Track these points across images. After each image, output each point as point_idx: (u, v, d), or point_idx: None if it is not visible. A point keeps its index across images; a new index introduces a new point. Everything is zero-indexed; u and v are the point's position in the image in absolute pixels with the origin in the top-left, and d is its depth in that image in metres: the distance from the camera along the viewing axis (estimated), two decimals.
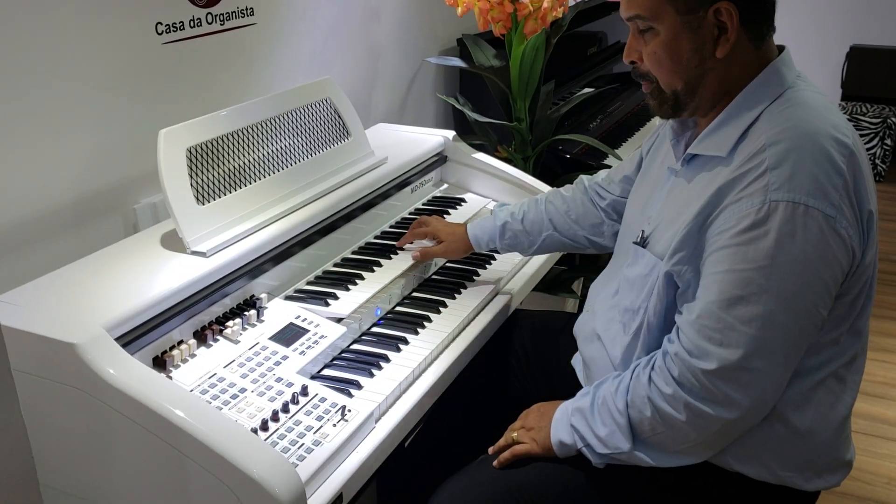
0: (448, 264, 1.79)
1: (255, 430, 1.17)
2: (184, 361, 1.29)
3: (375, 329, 1.53)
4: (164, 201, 1.40)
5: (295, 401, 1.24)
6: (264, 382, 1.27)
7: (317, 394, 1.26)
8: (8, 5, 1.36)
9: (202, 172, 1.47)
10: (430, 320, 1.56)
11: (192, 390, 1.22)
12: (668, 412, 1.17)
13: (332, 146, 1.78)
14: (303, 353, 1.35)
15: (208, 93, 1.81)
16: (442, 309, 1.60)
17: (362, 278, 1.62)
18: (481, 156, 2.12)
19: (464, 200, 2.08)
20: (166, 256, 1.41)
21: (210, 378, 1.26)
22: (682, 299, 1.22)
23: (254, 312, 1.41)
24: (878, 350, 2.87)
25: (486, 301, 1.66)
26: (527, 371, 1.66)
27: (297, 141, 1.69)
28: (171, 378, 1.24)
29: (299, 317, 1.43)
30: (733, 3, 1.17)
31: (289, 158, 1.66)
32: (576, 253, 1.72)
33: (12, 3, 1.37)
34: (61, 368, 1.14)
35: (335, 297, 1.53)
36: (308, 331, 1.40)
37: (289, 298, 1.52)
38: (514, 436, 1.35)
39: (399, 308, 1.61)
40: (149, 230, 1.53)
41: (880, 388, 2.68)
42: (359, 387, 1.33)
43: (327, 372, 1.38)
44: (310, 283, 1.60)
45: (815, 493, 1.28)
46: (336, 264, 1.69)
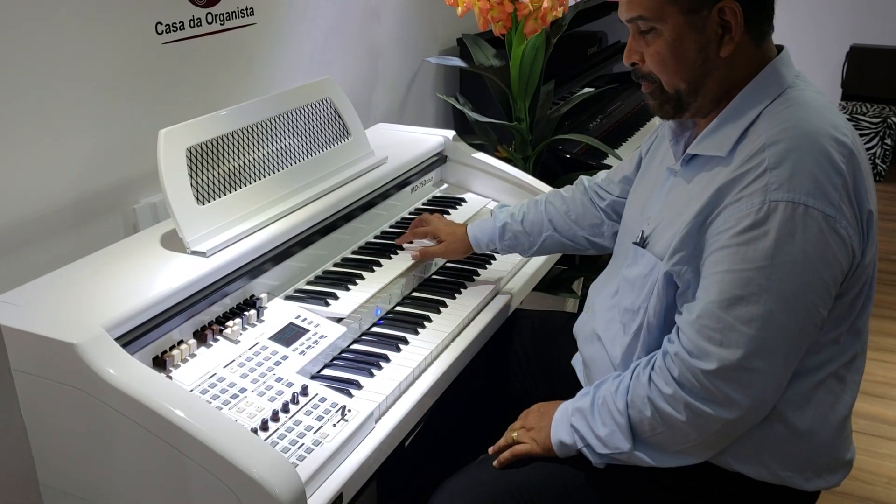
0: (448, 264, 1.79)
1: (255, 430, 1.17)
2: (184, 361, 1.29)
3: (375, 329, 1.53)
4: (164, 201, 1.40)
5: (295, 401, 1.24)
6: (264, 382, 1.27)
7: (317, 394, 1.26)
8: (8, 5, 1.36)
9: (202, 172, 1.47)
10: (430, 320, 1.56)
11: (192, 390, 1.22)
12: (668, 412, 1.17)
13: (332, 146, 1.78)
14: (303, 352, 1.35)
15: (208, 93, 1.81)
16: (442, 309, 1.60)
17: (362, 278, 1.62)
18: (481, 156, 2.12)
19: (464, 200, 2.08)
20: (166, 256, 1.41)
21: (210, 378, 1.26)
22: (681, 299, 1.22)
23: (254, 312, 1.41)
24: (878, 350, 2.87)
25: (486, 301, 1.66)
26: (527, 371, 1.66)
27: (297, 141, 1.69)
28: (171, 378, 1.24)
29: (299, 317, 1.43)
30: (738, 2, 1.17)
31: (289, 158, 1.66)
32: (576, 254, 1.72)
33: (12, 3, 1.37)
34: (61, 368, 1.14)
35: (335, 297, 1.53)
36: (308, 331, 1.40)
37: (289, 298, 1.52)
38: (514, 436, 1.35)
39: (399, 308, 1.61)
40: (149, 230, 1.53)
41: (880, 387, 2.68)
42: (359, 387, 1.33)
43: (327, 372, 1.38)
44: (310, 282, 1.60)
45: (815, 492, 1.28)
46: (336, 264, 1.69)
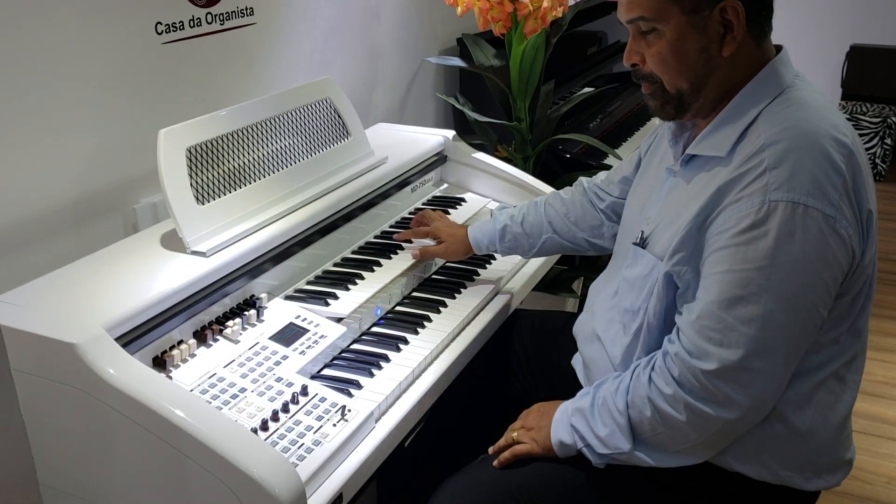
0: (448, 264, 1.79)
1: (255, 430, 1.17)
2: (184, 361, 1.29)
3: (375, 329, 1.53)
4: (164, 201, 1.40)
5: (295, 401, 1.24)
6: (264, 382, 1.27)
7: (317, 394, 1.26)
8: (8, 5, 1.36)
9: (202, 172, 1.47)
10: (430, 320, 1.56)
11: (192, 390, 1.22)
12: (668, 412, 1.17)
13: (332, 146, 1.78)
14: (303, 352, 1.35)
15: (208, 93, 1.81)
16: (442, 309, 1.60)
17: (362, 278, 1.62)
18: (481, 155, 2.12)
19: (464, 200, 2.08)
20: (166, 256, 1.41)
21: (210, 378, 1.26)
22: (681, 300, 1.22)
23: (254, 312, 1.41)
24: (878, 349, 2.87)
25: (486, 301, 1.66)
26: (527, 371, 1.66)
27: (296, 141, 1.69)
28: (171, 378, 1.24)
29: (299, 316, 1.43)
30: (740, 1, 1.16)
31: (289, 158, 1.66)
32: (576, 254, 1.72)
33: (12, 3, 1.37)
34: (61, 368, 1.14)
35: (335, 297, 1.53)
36: (308, 330, 1.40)
37: (289, 298, 1.52)
38: (515, 436, 1.35)
39: (399, 308, 1.61)
40: (149, 230, 1.53)
41: (880, 387, 2.68)
42: (359, 386, 1.33)
43: (327, 372, 1.38)
44: (310, 282, 1.60)
45: (815, 492, 1.28)
46: (336, 264, 1.69)
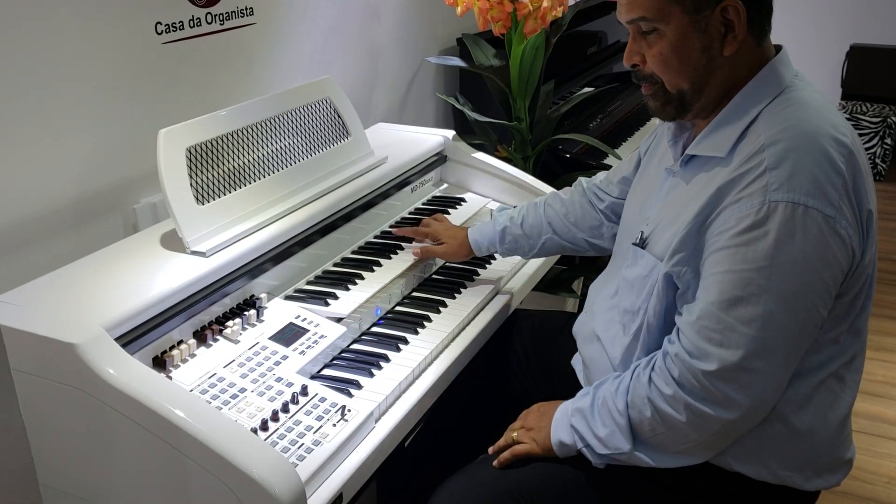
0: (448, 264, 1.79)
1: (255, 430, 1.17)
2: (184, 361, 1.29)
3: (375, 329, 1.53)
4: (163, 201, 1.40)
5: (295, 401, 1.24)
6: (264, 382, 1.27)
7: (317, 394, 1.26)
8: (8, 5, 1.36)
9: (202, 172, 1.47)
10: (430, 320, 1.56)
11: (191, 390, 1.22)
12: (668, 413, 1.17)
13: (332, 146, 1.78)
14: (303, 352, 1.35)
15: (208, 93, 1.81)
16: (442, 308, 1.60)
17: (362, 278, 1.62)
18: (481, 155, 2.12)
19: (464, 200, 2.08)
20: (166, 256, 1.41)
21: (210, 378, 1.26)
22: (681, 300, 1.22)
23: (254, 312, 1.41)
24: (878, 349, 2.86)
25: (486, 301, 1.66)
26: (527, 371, 1.66)
27: (296, 141, 1.69)
28: (170, 378, 1.24)
29: (299, 316, 1.43)
30: (741, 1, 1.16)
31: (288, 158, 1.66)
32: (576, 255, 1.72)
33: (12, 3, 1.37)
34: (61, 368, 1.14)
35: (335, 297, 1.53)
36: (308, 330, 1.40)
37: (289, 298, 1.52)
38: (514, 436, 1.35)
39: (399, 308, 1.61)
40: (149, 230, 1.53)
41: (880, 387, 2.68)
42: (359, 386, 1.33)
43: (327, 372, 1.38)
44: (310, 282, 1.60)
45: (815, 492, 1.28)
46: (336, 264, 1.69)
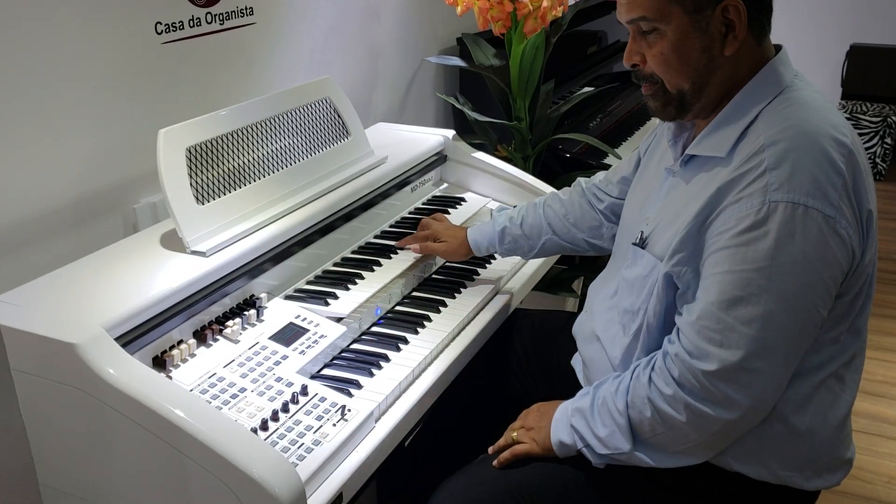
0: (448, 264, 1.79)
1: (254, 430, 1.17)
2: (184, 361, 1.29)
3: (375, 328, 1.53)
4: (163, 201, 1.40)
5: (295, 400, 1.24)
6: (264, 382, 1.27)
7: (317, 393, 1.26)
8: (8, 5, 1.36)
9: (202, 172, 1.47)
10: (430, 320, 1.56)
11: (191, 390, 1.22)
12: (668, 413, 1.17)
13: (332, 146, 1.78)
14: (303, 352, 1.35)
15: (208, 93, 1.81)
16: (442, 308, 1.60)
17: (362, 278, 1.62)
18: (481, 155, 2.12)
19: (464, 200, 2.08)
20: (166, 256, 1.41)
21: (210, 378, 1.26)
22: (681, 300, 1.22)
23: (253, 312, 1.41)
24: (878, 349, 2.86)
25: (486, 300, 1.66)
26: (527, 371, 1.66)
27: (296, 140, 1.69)
28: (170, 378, 1.24)
29: (299, 316, 1.43)
30: (742, 0, 1.16)
31: (288, 158, 1.66)
32: (575, 255, 1.73)
33: (12, 3, 1.37)
34: (61, 368, 1.14)
35: (335, 297, 1.53)
36: (308, 330, 1.40)
37: (289, 298, 1.52)
38: (514, 436, 1.35)
39: (399, 307, 1.61)
40: (148, 230, 1.53)
41: (880, 386, 2.68)
42: (359, 386, 1.33)
43: (327, 371, 1.38)
44: (310, 282, 1.60)
45: (815, 492, 1.28)
46: (336, 264, 1.69)
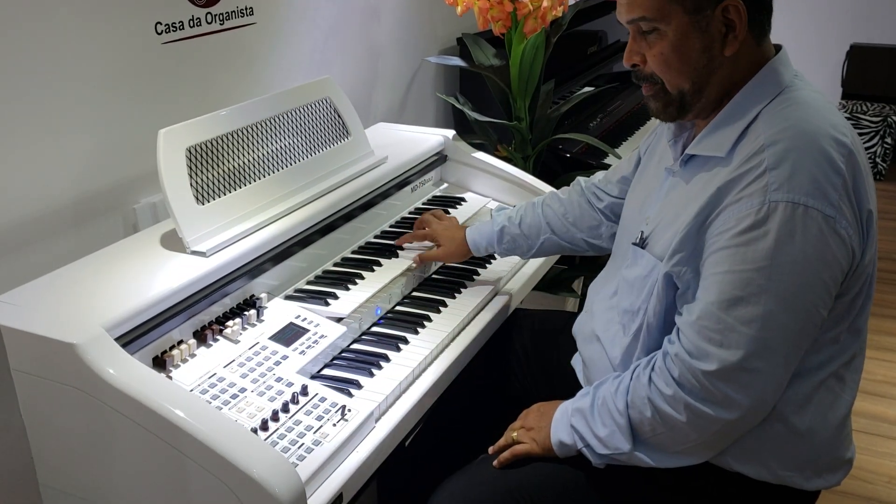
0: (448, 264, 1.79)
1: (255, 430, 1.17)
2: (184, 361, 1.29)
3: (375, 328, 1.53)
4: (163, 201, 1.40)
5: (295, 400, 1.24)
6: (264, 382, 1.27)
7: (317, 393, 1.26)
8: (8, 5, 1.36)
9: (202, 172, 1.47)
10: (431, 320, 1.56)
11: (192, 390, 1.22)
12: (668, 413, 1.17)
13: (332, 146, 1.78)
14: (303, 352, 1.35)
15: (208, 93, 1.81)
16: (442, 308, 1.60)
17: (362, 278, 1.62)
18: (481, 155, 2.12)
19: (464, 200, 2.08)
20: (166, 256, 1.41)
21: (210, 378, 1.26)
22: (681, 300, 1.22)
23: (254, 312, 1.41)
24: (878, 349, 2.86)
25: (486, 301, 1.66)
26: (527, 371, 1.66)
27: (296, 140, 1.69)
28: (170, 378, 1.24)
29: (299, 316, 1.43)
30: (742, 0, 1.16)
31: (288, 158, 1.66)
32: (575, 255, 1.73)
33: (12, 3, 1.37)
34: (61, 368, 1.14)
35: (335, 297, 1.53)
36: (308, 330, 1.40)
37: (289, 298, 1.52)
38: (514, 436, 1.35)
39: (399, 307, 1.61)
40: (149, 230, 1.53)
41: (881, 386, 2.68)
42: (359, 386, 1.33)
43: (327, 371, 1.38)
44: (310, 282, 1.60)
45: (815, 492, 1.28)
46: (336, 264, 1.69)
